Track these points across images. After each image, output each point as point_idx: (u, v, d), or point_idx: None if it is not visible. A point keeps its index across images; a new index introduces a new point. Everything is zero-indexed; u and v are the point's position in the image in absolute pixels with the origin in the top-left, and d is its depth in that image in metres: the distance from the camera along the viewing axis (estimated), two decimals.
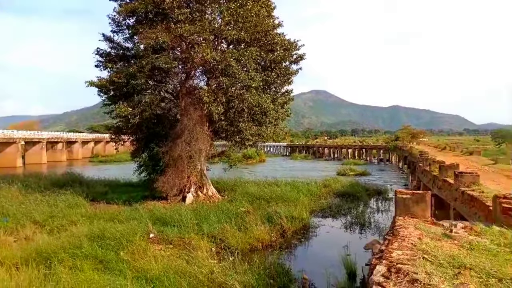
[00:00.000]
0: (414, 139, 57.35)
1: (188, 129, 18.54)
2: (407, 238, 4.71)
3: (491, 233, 5.12)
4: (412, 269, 3.64)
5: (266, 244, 13.20)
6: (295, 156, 72.87)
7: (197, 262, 9.74)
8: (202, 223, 14.02)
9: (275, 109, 20.52)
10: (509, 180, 12.40)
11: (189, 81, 20.73)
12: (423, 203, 6.11)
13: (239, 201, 18.26)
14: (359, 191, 23.70)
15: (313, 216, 17.77)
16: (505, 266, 3.76)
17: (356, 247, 12.82)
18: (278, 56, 20.02)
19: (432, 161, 16.79)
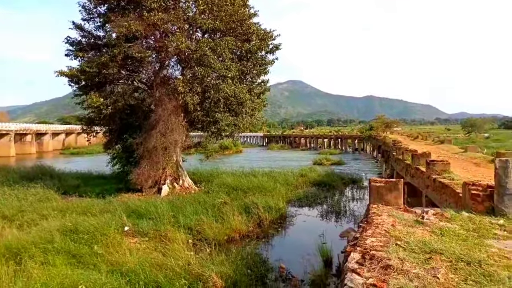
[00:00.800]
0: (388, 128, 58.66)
1: (163, 119, 18.23)
2: (380, 225, 4.81)
3: (460, 219, 5.31)
4: (385, 255, 3.72)
5: (243, 234, 13.24)
6: (272, 146, 73.16)
7: (174, 254, 9.65)
8: (178, 215, 13.89)
9: (251, 99, 20.44)
10: (478, 168, 12.87)
11: (164, 71, 20.36)
12: (396, 191, 6.26)
13: (216, 192, 18.21)
14: (334, 180, 24.08)
15: (290, 206, 17.94)
16: (473, 250, 3.91)
17: (332, 235, 13.04)
18: (254, 46, 19.88)
19: (405, 150, 17.23)
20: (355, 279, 3.26)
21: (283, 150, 66.41)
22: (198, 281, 8.15)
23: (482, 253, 3.82)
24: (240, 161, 41.65)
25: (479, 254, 3.80)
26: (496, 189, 5.61)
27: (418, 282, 3.11)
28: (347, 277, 3.35)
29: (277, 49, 21.49)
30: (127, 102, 19.50)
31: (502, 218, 5.35)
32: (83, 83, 20.07)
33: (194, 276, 8.39)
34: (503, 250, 3.97)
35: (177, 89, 17.58)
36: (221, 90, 18.12)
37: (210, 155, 25.35)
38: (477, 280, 3.18)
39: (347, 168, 34.47)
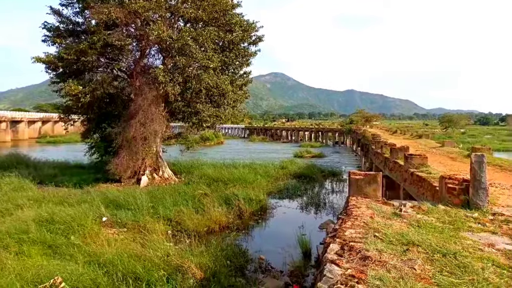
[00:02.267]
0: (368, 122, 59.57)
1: (143, 109, 17.91)
2: (359, 217, 4.86)
3: (437, 211, 5.42)
4: (364, 246, 3.76)
5: (223, 225, 13.22)
6: (253, 138, 73.10)
7: (153, 245, 9.53)
8: (157, 206, 13.76)
9: (233, 91, 20.29)
10: (454, 162, 13.21)
11: (144, 60, 19.95)
12: (375, 184, 6.34)
13: (196, 184, 18.09)
14: (315, 173, 24.30)
15: (270, 198, 18.00)
16: (449, 242, 4.00)
17: (312, 227, 13.21)
18: (236, 36, 19.67)
19: (383, 143, 17.50)
20: (334, 270, 3.28)
21: (265, 142, 66.53)
22: (177, 272, 8.09)
23: (457, 245, 3.92)
24: (221, 152, 41.52)
25: (455, 246, 3.88)
26: (472, 183, 5.75)
27: (395, 273, 3.16)
28: (326, 268, 3.37)
29: (260, 40, 21.37)
30: (106, 90, 19.03)
31: (476, 211, 5.49)
32: (61, 70, 19.46)
33: (173, 267, 8.33)
34: (477, 242, 4.08)
35: (158, 79, 17.25)
36: (202, 81, 17.90)
37: (191, 146, 25.12)
38: (452, 271, 3.25)
39: (327, 161, 34.84)
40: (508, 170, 10.80)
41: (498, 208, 5.93)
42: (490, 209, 5.66)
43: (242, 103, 23.43)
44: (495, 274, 3.19)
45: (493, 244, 4.04)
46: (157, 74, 17.26)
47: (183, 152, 25.18)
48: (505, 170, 10.84)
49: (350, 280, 3.06)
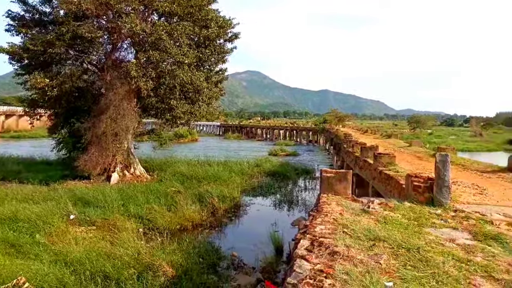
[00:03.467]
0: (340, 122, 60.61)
1: (114, 104, 17.48)
2: (329, 214, 4.99)
3: (403, 208, 5.63)
4: (333, 242, 3.87)
5: (196, 223, 13.16)
6: (228, 136, 72.90)
7: (123, 244, 9.40)
8: (128, 203, 13.54)
9: (208, 88, 20.15)
10: (420, 161, 13.70)
11: (116, 53, 19.46)
12: (345, 181, 6.51)
13: (169, 181, 17.94)
14: (288, 171, 24.53)
15: (244, 195, 18.04)
16: (413, 238, 4.18)
17: (284, 224, 13.38)
18: (212, 33, 19.53)
19: (355, 143, 17.91)
20: (304, 265, 3.37)
21: (240, 140, 66.45)
22: (148, 270, 8.02)
23: (421, 240, 4.10)
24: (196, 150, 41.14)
25: (418, 241, 4.06)
26: (436, 181, 6.01)
27: (362, 268, 3.28)
28: (296, 263, 3.45)
29: (236, 38, 21.31)
30: (75, 84, 18.43)
31: (440, 208, 5.75)
32: (26, 62, 18.72)
33: (144, 265, 8.25)
34: (440, 238, 4.28)
35: (130, 73, 16.89)
36: (177, 77, 17.68)
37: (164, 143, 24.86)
38: (415, 265, 3.40)
39: (301, 159, 35.22)
40: (470, 169, 11.32)
41: (459, 205, 6.23)
42: (452, 206, 5.94)
43: (218, 100, 23.31)
44: (455, 268, 3.37)
45: (453, 239, 4.25)
46: (129, 68, 16.91)
47: (156, 149, 24.85)
48: (467, 169, 11.36)
49: (319, 275, 3.15)
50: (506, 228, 4.81)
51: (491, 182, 9.12)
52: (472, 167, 11.69)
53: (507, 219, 5.27)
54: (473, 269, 3.34)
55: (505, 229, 4.78)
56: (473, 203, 6.61)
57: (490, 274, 3.25)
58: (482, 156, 38.77)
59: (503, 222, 5.09)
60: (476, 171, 10.90)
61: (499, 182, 9.06)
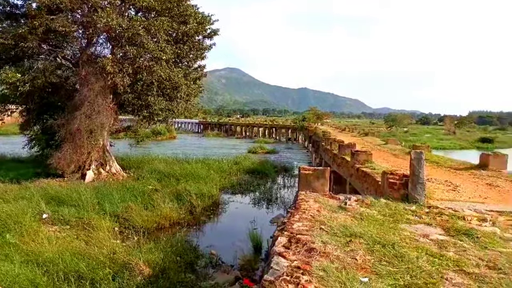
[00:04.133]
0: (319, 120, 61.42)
1: (89, 100, 17.04)
2: (307, 211, 5.02)
3: (379, 205, 5.73)
4: (310, 239, 3.90)
5: (174, 222, 13.02)
6: (207, 133, 72.65)
7: (98, 243, 9.22)
8: (104, 202, 13.24)
9: (187, 84, 19.91)
10: (396, 159, 14.00)
11: (91, 48, 18.95)
12: (323, 179, 6.57)
13: (146, 179, 17.68)
14: (267, 169, 24.60)
15: (223, 193, 18.01)
16: (388, 234, 4.25)
17: (263, 222, 13.41)
18: (191, 29, 19.29)
19: (333, 140, 18.14)
20: (281, 262, 3.37)
21: (219, 138, 66.24)
22: (124, 269, 7.88)
23: (396, 236, 4.18)
24: (174, 147, 40.77)
25: (393, 237, 4.14)
26: (411, 178, 6.14)
27: (338, 264, 3.31)
28: (273, 260, 3.45)
29: (215, 34, 21.13)
30: (48, 79, 17.84)
31: (414, 205, 5.88)
32: None
33: (120, 264, 8.10)
34: (414, 233, 4.38)
35: (106, 69, 16.50)
36: (154, 73, 17.39)
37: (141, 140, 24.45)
38: (390, 260, 3.46)
39: (280, 157, 35.39)
40: (444, 167, 11.65)
41: (433, 201, 6.40)
42: (427, 203, 6.09)
43: (196, 97, 23.10)
44: (428, 262, 3.45)
45: (427, 235, 4.35)
46: (105, 64, 16.51)
47: (133, 147, 24.40)
48: (441, 167, 11.68)
49: (296, 271, 3.16)
50: (477, 223, 4.96)
51: (464, 179, 9.41)
52: (446, 165, 12.03)
53: (478, 215, 5.45)
54: (445, 263, 3.43)
55: (476, 224, 4.93)
56: (446, 199, 6.79)
57: (462, 268, 3.34)
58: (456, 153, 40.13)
59: (474, 217, 5.25)
60: (450, 169, 11.22)
61: (471, 179, 9.36)
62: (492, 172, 10.19)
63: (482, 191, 7.82)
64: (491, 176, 9.67)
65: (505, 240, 4.27)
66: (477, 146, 55.52)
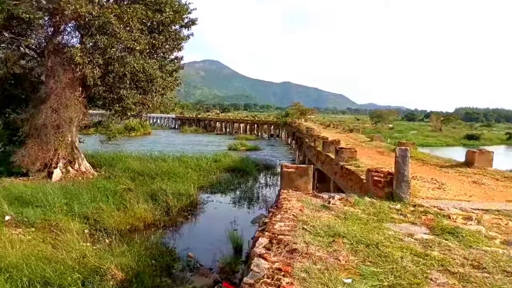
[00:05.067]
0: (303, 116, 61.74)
1: (56, 93, 16.68)
2: (289, 210, 5.06)
3: (363, 203, 5.83)
4: (292, 239, 3.93)
5: (148, 223, 12.93)
6: (184, 129, 72.17)
7: (66, 246, 9.03)
8: (72, 202, 13.03)
9: (162, 77, 19.73)
10: (382, 156, 14.25)
11: (58, 37, 18.49)
12: (306, 177, 6.63)
13: (118, 178, 17.48)
14: (249, 166, 24.67)
15: (201, 192, 17.98)
16: (373, 233, 4.33)
17: (244, 222, 13.42)
18: (167, 18, 19.04)
19: (316, 137, 18.30)
20: (261, 264, 3.39)
21: (197, 134, 65.93)
22: (94, 274, 7.78)
23: (380, 236, 4.25)
24: (149, 144, 40.36)
25: (377, 236, 4.21)
26: (396, 175, 6.27)
27: (321, 265, 3.35)
28: (253, 262, 3.46)
29: (193, 24, 20.95)
30: (10, 70, 17.42)
31: (399, 203, 6.01)
32: None
33: (90, 269, 7.98)
34: (398, 233, 4.47)
35: (74, 59, 16.16)
36: (127, 64, 17.14)
37: (113, 137, 24.10)
38: (374, 261, 3.53)
39: (262, 154, 35.52)
40: (430, 164, 11.94)
41: (418, 200, 6.55)
42: (412, 201, 6.23)
43: (173, 91, 22.94)
44: (412, 262, 3.53)
45: (412, 234, 4.45)
46: (74, 54, 16.16)
47: (104, 143, 24.01)
48: (427, 164, 11.97)
49: (277, 273, 3.18)
50: (462, 222, 5.11)
51: (449, 176, 9.66)
52: (432, 162, 12.32)
53: (463, 213, 5.61)
54: (430, 263, 3.52)
55: (461, 222, 5.08)
56: (431, 197, 6.97)
57: (446, 268, 3.44)
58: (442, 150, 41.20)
59: (460, 216, 5.41)
60: (435, 166, 11.50)
61: (457, 177, 9.62)
62: (478, 169, 10.49)
63: (467, 189, 8.05)
64: (477, 173, 9.97)
65: (490, 238, 4.42)
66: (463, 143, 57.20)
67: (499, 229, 4.88)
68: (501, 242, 4.30)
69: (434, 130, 77.05)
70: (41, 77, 18.81)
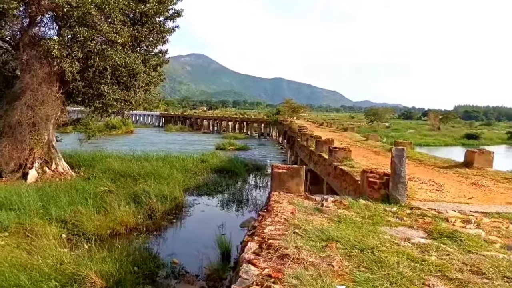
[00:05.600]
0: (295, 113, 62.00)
1: (32, 89, 16.52)
2: (280, 213, 5.05)
3: (358, 206, 5.85)
4: (283, 244, 3.91)
5: (131, 227, 12.87)
6: (169, 127, 71.98)
7: (42, 252, 8.95)
8: (49, 205, 12.95)
9: (146, 72, 19.63)
10: (377, 156, 14.35)
11: (34, 29, 18.30)
12: (298, 178, 6.63)
13: (98, 179, 17.40)
14: (238, 167, 24.68)
15: (187, 195, 17.95)
16: (368, 237, 4.34)
17: (232, 226, 13.43)
18: (150, 8, 18.91)
19: (309, 136, 18.36)
20: (250, 271, 3.37)
21: (183, 133, 65.79)
22: (72, 282, 7.73)
23: (375, 240, 4.27)
24: (131, 143, 40.18)
25: (372, 241, 4.22)
26: (392, 177, 6.30)
27: (313, 271, 3.34)
28: (242, 268, 3.44)
29: (179, 15, 20.82)
30: None
31: (395, 206, 6.04)
32: None
33: (68, 276, 7.92)
34: (394, 237, 4.49)
35: (52, 53, 15.99)
36: (108, 58, 17.01)
37: (93, 135, 23.89)
38: (369, 266, 3.53)
39: (252, 154, 35.61)
40: (427, 165, 12.05)
41: (416, 202, 6.60)
42: (408, 203, 6.27)
43: (157, 87, 22.85)
44: (409, 268, 3.54)
45: (409, 238, 4.47)
46: (51, 47, 15.99)
47: (83, 142, 23.79)
48: (424, 165, 12.08)
49: (267, 280, 3.16)
50: (461, 225, 5.16)
51: (448, 177, 9.76)
52: (430, 162, 12.43)
53: (462, 216, 5.66)
54: (427, 269, 3.53)
55: (460, 226, 5.13)
56: (429, 200, 7.02)
57: (444, 273, 3.46)
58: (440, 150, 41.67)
59: (458, 219, 5.46)
60: (433, 167, 11.60)
61: (455, 178, 9.72)
62: (478, 170, 10.60)
63: (466, 190, 8.14)
64: (476, 174, 10.08)
65: (489, 242, 4.46)
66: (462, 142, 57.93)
67: (499, 233, 4.93)
68: (501, 246, 4.34)
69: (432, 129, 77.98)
70: (15, 71, 18.63)
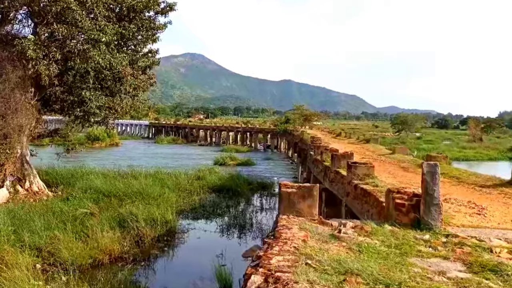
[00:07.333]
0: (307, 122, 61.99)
1: (3, 95, 16.77)
2: (289, 241, 5.01)
3: (382, 233, 5.77)
4: (293, 277, 3.87)
5: (116, 256, 12.90)
6: (160, 139, 72.38)
7: (13, 285, 9.01)
8: (21, 230, 12.97)
9: (133, 74, 19.85)
10: (405, 173, 14.23)
11: (7, 26, 18.65)
12: (311, 199, 6.58)
13: (79, 199, 17.46)
14: (240, 185, 24.69)
15: (181, 218, 18.02)
16: (394, 270, 4.27)
17: (234, 255, 13.39)
18: (139, 2, 19.20)
19: (324, 149, 18.31)
20: None
21: (176, 145, 66.20)
22: None
23: (404, 274, 4.20)
24: (117, 157, 40.33)
25: (400, 274, 4.16)
26: (423, 198, 6.22)
27: None
28: None
29: (171, 9, 21.07)
30: None
31: (428, 232, 5.95)
32: None
33: None
34: (426, 270, 4.42)
35: (26, 54, 16.23)
36: (90, 59, 17.22)
37: (73, 148, 23.98)
38: None
39: (257, 170, 35.60)
40: (467, 183, 11.87)
41: (452, 228, 6.49)
42: (444, 230, 6.17)
43: (146, 92, 23.02)
44: None
45: (444, 272, 4.41)
46: (26, 47, 16.21)
47: (61, 157, 23.90)
48: (463, 183, 11.91)
49: None
50: (508, 257, 5.05)
51: (492, 199, 9.59)
52: (469, 180, 12.24)
53: (509, 245, 5.54)
54: None
55: (507, 257, 5.02)
56: (469, 225, 6.91)
57: None
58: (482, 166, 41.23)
59: (505, 249, 5.34)
60: (474, 186, 11.43)
61: (501, 199, 9.52)
62: None
63: None
64: None
65: None
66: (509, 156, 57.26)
67: None
68: None
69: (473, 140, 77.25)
70: None
